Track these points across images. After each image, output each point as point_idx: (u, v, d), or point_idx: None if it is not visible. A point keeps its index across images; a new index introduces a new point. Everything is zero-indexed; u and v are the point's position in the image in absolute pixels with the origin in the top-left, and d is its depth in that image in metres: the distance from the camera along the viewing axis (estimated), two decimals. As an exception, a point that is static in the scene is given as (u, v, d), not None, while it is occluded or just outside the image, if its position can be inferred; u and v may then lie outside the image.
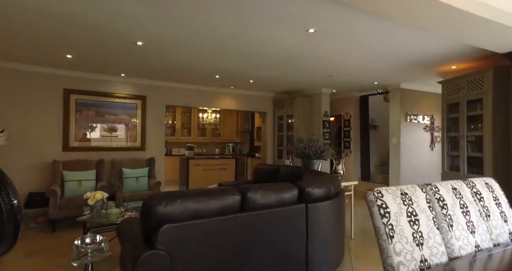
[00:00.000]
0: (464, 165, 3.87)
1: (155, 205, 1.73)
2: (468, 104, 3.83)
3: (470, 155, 3.84)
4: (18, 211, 1.06)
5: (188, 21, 2.72)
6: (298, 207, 2.23)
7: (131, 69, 4.61)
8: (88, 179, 4.39)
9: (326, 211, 2.41)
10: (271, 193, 2.17)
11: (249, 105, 6.64)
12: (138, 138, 5.33)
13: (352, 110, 6.72)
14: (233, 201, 2.00)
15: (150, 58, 3.93)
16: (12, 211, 1.04)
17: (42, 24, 2.79)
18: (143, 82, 5.37)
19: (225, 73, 4.78)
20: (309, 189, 2.34)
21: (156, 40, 3.21)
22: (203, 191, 1.98)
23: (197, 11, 2.52)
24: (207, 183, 6.59)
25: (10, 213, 1.03)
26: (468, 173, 3.81)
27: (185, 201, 1.82)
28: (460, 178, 3.93)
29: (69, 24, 2.79)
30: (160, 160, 5.50)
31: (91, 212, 2.83)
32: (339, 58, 3.80)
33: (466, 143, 3.85)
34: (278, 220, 2.13)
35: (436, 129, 5.92)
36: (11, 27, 2.87)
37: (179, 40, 3.22)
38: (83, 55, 3.84)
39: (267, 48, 3.45)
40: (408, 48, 3.36)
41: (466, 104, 3.84)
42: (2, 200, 1.00)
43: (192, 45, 3.38)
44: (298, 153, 4.03)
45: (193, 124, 8.81)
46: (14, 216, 1.04)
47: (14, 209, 1.04)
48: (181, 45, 3.36)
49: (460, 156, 3.95)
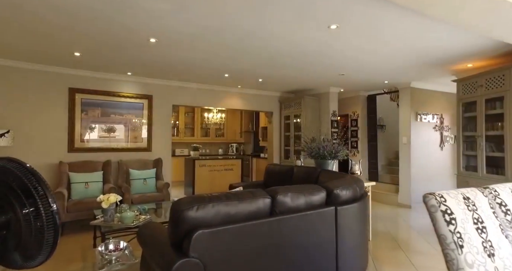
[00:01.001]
0: (483, 165, 3.80)
1: (186, 209, 1.62)
2: (487, 102, 3.76)
3: (488, 155, 3.77)
4: (57, 218, 0.95)
5: (208, 17, 2.62)
6: (327, 210, 2.13)
7: (139, 68, 4.49)
8: (95, 181, 4.26)
9: (354, 214, 2.32)
10: (301, 195, 2.08)
11: (255, 104, 6.54)
12: (145, 138, 5.20)
13: (360, 110, 6.64)
14: (263, 204, 1.90)
15: (161, 56, 3.81)
16: (51, 218, 0.93)
17: (51, 18, 2.66)
18: (150, 81, 5.25)
19: (235, 72, 4.67)
20: (337, 191, 2.25)
21: (170, 36, 3.10)
22: (232, 194, 1.88)
23: (217, 6, 2.41)
24: (213, 184, 6.49)
25: (50, 220, 0.93)
26: (487, 174, 3.74)
27: (217, 205, 1.72)
28: (478, 179, 3.91)
29: (79, 19, 2.67)
30: (167, 161, 5.38)
31: (105, 216, 2.71)
32: (357, 56, 3.71)
33: (484, 142, 3.79)
34: (308, 224, 2.03)
35: (446, 128, 5.87)
36: (17, 22, 2.74)
37: (195, 37, 3.11)
38: (91, 53, 3.72)
39: (284, 46, 3.35)
40: (431, 45, 3.27)
41: (484, 102, 3.77)
42: (42, 205, 0.89)
43: (207, 42, 3.27)
44: (313, 153, 3.94)
45: (196, 124, 8.70)
46: (54, 223, 0.93)
47: (54, 215, 0.93)
48: (196, 42, 3.25)
49: (478, 156, 3.88)
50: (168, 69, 4.54)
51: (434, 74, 4.76)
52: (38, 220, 0.93)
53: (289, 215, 1.94)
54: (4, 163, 0.91)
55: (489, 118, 3.78)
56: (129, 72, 4.79)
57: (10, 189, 0.91)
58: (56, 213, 0.95)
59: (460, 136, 4.21)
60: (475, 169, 3.99)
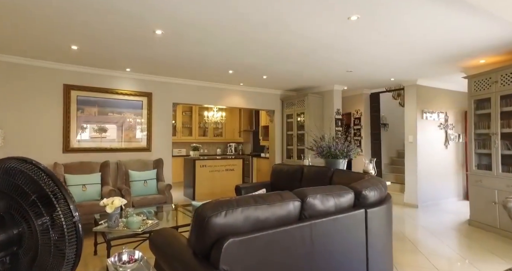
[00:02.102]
0: (498, 163, 3.72)
1: (214, 215, 1.44)
2: (502, 99, 3.69)
3: (503, 153, 3.69)
4: (80, 230, 0.76)
5: (220, 8, 2.43)
6: (357, 213, 1.97)
7: (139, 64, 4.26)
8: (93, 183, 4.01)
9: (382, 217, 2.17)
10: (330, 197, 1.91)
11: (257, 103, 6.37)
12: (144, 138, 4.96)
13: (363, 108, 6.55)
14: (293, 207, 1.73)
15: (165, 50, 3.59)
16: (73, 229, 0.74)
17: (45, 3, 2.43)
18: (150, 78, 5.01)
19: (241, 68, 4.48)
20: (365, 192, 2.09)
21: (179, 28, 2.90)
22: (258, 197, 1.70)
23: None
24: (214, 185, 6.28)
25: (72, 232, 0.74)
26: (503, 172, 3.66)
27: (246, 210, 1.54)
28: (493, 178, 3.82)
29: (78, 3, 2.45)
30: (168, 161, 5.15)
31: (109, 221, 2.49)
32: (369, 51, 3.58)
33: (499, 140, 3.71)
34: (339, 228, 1.87)
35: (450, 126, 5.81)
36: (5, 8, 2.50)
37: (205, 30, 2.91)
38: (90, 47, 3.48)
39: (297, 39, 3.19)
40: (449, 38, 3.14)
41: (499, 99, 3.70)
42: (62, 213, 0.70)
43: (217, 36, 3.08)
44: (324, 152, 3.80)
45: (194, 123, 8.47)
46: (77, 235, 0.74)
47: (77, 226, 0.74)
48: (205, 34, 3.05)
49: (492, 154, 3.80)
50: (171, 65, 4.32)
51: (443, 71, 4.68)
52: (57, 233, 0.74)
53: (321, 220, 1.77)
54: (15, 164, 0.71)
55: (504, 116, 3.70)
56: (128, 68, 4.55)
57: (22, 195, 0.71)
58: (79, 223, 0.76)
59: (472, 134, 4.12)
60: (488, 167, 3.92)
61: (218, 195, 6.24)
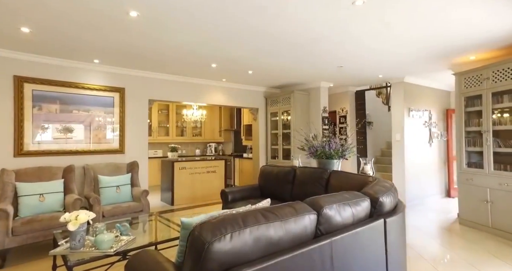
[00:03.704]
0: (490, 161, 3.67)
1: (216, 240, 1.08)
2: (493, 96, 3.64)
3: (496, 151, 3.64)
4: None
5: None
6: (377, 224, 1.69)
7: (109, 54, 3.73)
8: (54, 191, 3.42)
9: (400, 226, 1.92)
10: (347, 207, 1.62)
11: (240, 100, 6.01)
12: (116, 138, 4.41)
13: (348, 106, 6.42)
14: (309, 222, 1.41)
15: (140, 38, 3.12)
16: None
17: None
18: (122, 71, 4.47)
19: (225, 61, 4.09)
20: (382, 198, 1.82)
21: (158, 11, 2.46)
22: (267, 211, 1.35)
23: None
24: (195, 188, 5.83)
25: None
26: (495, 170, 3.61)
27: (255, 230, 1.19)
28: (485, 176, 3.75)
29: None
30: (144, 164, 4.64)
31: (72, 241, 2.01)
32: (367, 43, 3.34)
33: (491, 138, 3.66)
34: (358, 243, 1.58)
35: (433, 124, 5.83)
36: None
37: (189, 12, 2.50)
38: (46, 30, 2.91)
39: (294, 28, 2.87)
40: (446, 32, 3.00)
41: (491, 96, 3.64)
42: None
43: (204, 20, 2.68)
44: (318, 152, 3.53)
45: (171, 122, 7.92)
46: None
47: None
48: (189, 19, 2.64)
49: (484, 152, 3.74)
50: (147, 57, 3.84)
51: (431, 68, 4.62)
52: None
53: (340, 235, 1.46)
54: None
55: (495, 113, 3.65)
56: (96, 60, 3.99)
57: None
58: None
59: (463, 132, 4.07)
60: (479, 165, 3.87)
61: (199, 199, 5.80)
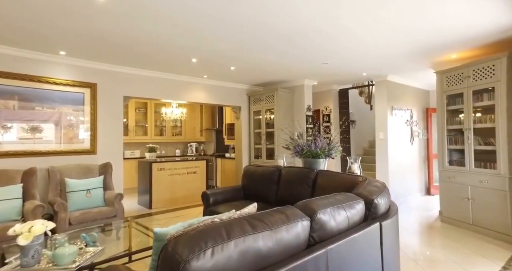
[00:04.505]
0: (471, 159, 3.70)
1: (193, 258, 0.88)
2: (474, 94, 3.67)
3: (477, 149, 3.68)
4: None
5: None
6: (373, 228, 1.56)
7: (76, 45, 3.40)
8: (10, 198, 3.05)
9: (394, 229, 1.81)
10: (341, 210, 1.47)
11: (221, 98, 5.79)
12: (87, 138, 4.06)
13: (332, 105, 6.38)
14: (302, 229, 1.25)
15: (111, 25, 2.84)
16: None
17: None
18: (93, 65, 4.13)
19: (206, 55, 3.87)
20: (377, 200, 1.70)
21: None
22: (255, 218, 1.18)
23: None
24: (174, 190, 5.55)
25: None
26: (476, 168, 3.65)
27: (241, 242, 1.00)
28: (466, 173, 3.78)
29: None
30: (118, 165, 4.32)
31: (24, 257, 1.73)
32: (355, 37, 3.24)
33: (472, 136, 3.69)
34: (354, 250, 1.44)
35: (414, 123, 5.91)
36: None
37: (167, 1, 2.28)
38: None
39: (277, 17, 2.71)
40: (432, 27, 2.97)
41: (472, 94, 3.68)
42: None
43: (183, 6, 2.46)
44: (304, 152, 3.40)
45: (149, 121, 7.55)
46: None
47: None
48: (166, 4, 2.41)
49: (465, 150, 3.77)
50: (120, 49, 3.54)
51: (413, 67, 4.64)
52: None
53: (336, 244, 1.31)
54: None
55: (476, 111, 3.69)
56: (62, 51, 3.64)
57: None
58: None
59: (445, 130, 4.10)
60: (460, 163, 3.90)
61: (179, 201, 5.52)
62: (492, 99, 3.48)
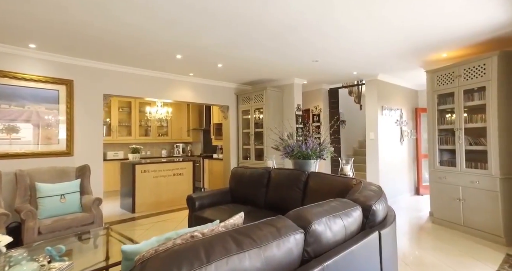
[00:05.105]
0: (462, 159, 3.65)
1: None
2: (465, 93, 3.62)
3: (468, 149, 3.63)
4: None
5: None
6: (371, 238, 1.42)
7: (48, 38, 3.13)
8: (-24, 204, 2.77)
9: (393, 238, 1.68)
10: (337, 219, 1.32)
11: (209, 97, 5.59)
12: (62, 138, 3.78)
13: (322, 104, 6.28)
14: (295, 244, 1.08)
15: (87, 14, 2.60)
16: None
17: None
18: (69, 60, 3.85)
19: (192, 51, 3.66)
20: (375, 206, 1.56)
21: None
22: (240, 233, 1.01)
23: None
24: (159, 193, 5.30)
25: None
26: (467, 168, 3.60)
27: (223, 264, 0.83)
28: (457, 174, 3.72)
29: None
30: (97, 168, 4.05)
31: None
32: (347, 33, 3.12)
33: (463, 136, 3.64)
34: (352, 263, 1.29)
35: (404, 123, 5.88)
36: None
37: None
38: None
39: (268, 11, 2.55)
40: (424, 24, 2.89)
41: (463, 93, 3.63)
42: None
43: (169, 1, 2.26)
44: (294, 152, 3.26)
45: (133, 121, 7.25)
46: None
47: None
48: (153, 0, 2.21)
49: (456, 150, 3.72)
50: (98, 42, 3.29)
51: (403, 66, 4.58)
52: None
53: (333, 259, 1.16)
54: None
55: (466, 110, 3.65)
56: (32, 44, 3.35)
57: None
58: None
59: (436, 130, 4.05)
60: (451, 163, 3.86)
61: (164, 205, 5.29)
62: (483, 99, 3.43)
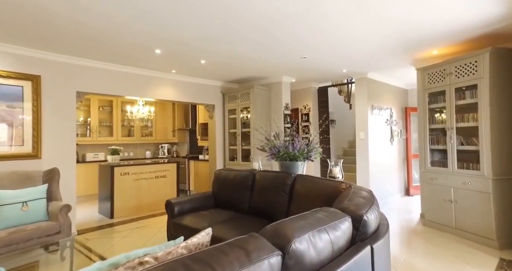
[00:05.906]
0: (454, 160, 3.52)
1: None
2: (456, 92, 3.50)
3: (459, 149, 3.51)
4: None
5: None
6: (363, 254, 1.22)
7: (7, 27, 2.82)
8: None
9: (386, 250, 1.48)
10: (322, 234, 1.12)
11: (193, 95, 5.34)
12: (28, 139, 3.46)
13: (311, 103, 6.11)
14: (270, 270, 0.87)
15: (51, 3, 2.32)
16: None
17: None
18: (34, 54, 3.53)
19: (172, 45, 3.40)
20: (367, 216, 1.36)
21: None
22: (197, 259, 0.78)
23: None
24: (140, 197, 5.01)
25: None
26: (459, 169, 3.48)
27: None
28: (449, 175, 3.57)
29: None
30: (69, 171, 3.75)
31: None
32: (337, 26, 2.93)
33: (455, 135, 3.52)
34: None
35: (394, 122, 5.77)
36: None
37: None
38: None
39: (254, 1, 2.34)
40: (415, 19, 2.73)
41: (454, 92, 3.50)
42: None
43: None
44: (280, 154, 3.06)
45: (115, 121, 6.91)
46: None
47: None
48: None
49: (448, 150, 3.60)
50: (67, 35, 2.99)
51: (393, 64, 4.44)
52: None
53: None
54: None
55: (458, 109, 3.53)
56: (-7, 36, 3.04)
57: None
58: None
59: (427, 130, 3.92)
60: (442, 164, 3.73)
61: (145, 209, 5.00)
62: (475, 97, 3.31)
